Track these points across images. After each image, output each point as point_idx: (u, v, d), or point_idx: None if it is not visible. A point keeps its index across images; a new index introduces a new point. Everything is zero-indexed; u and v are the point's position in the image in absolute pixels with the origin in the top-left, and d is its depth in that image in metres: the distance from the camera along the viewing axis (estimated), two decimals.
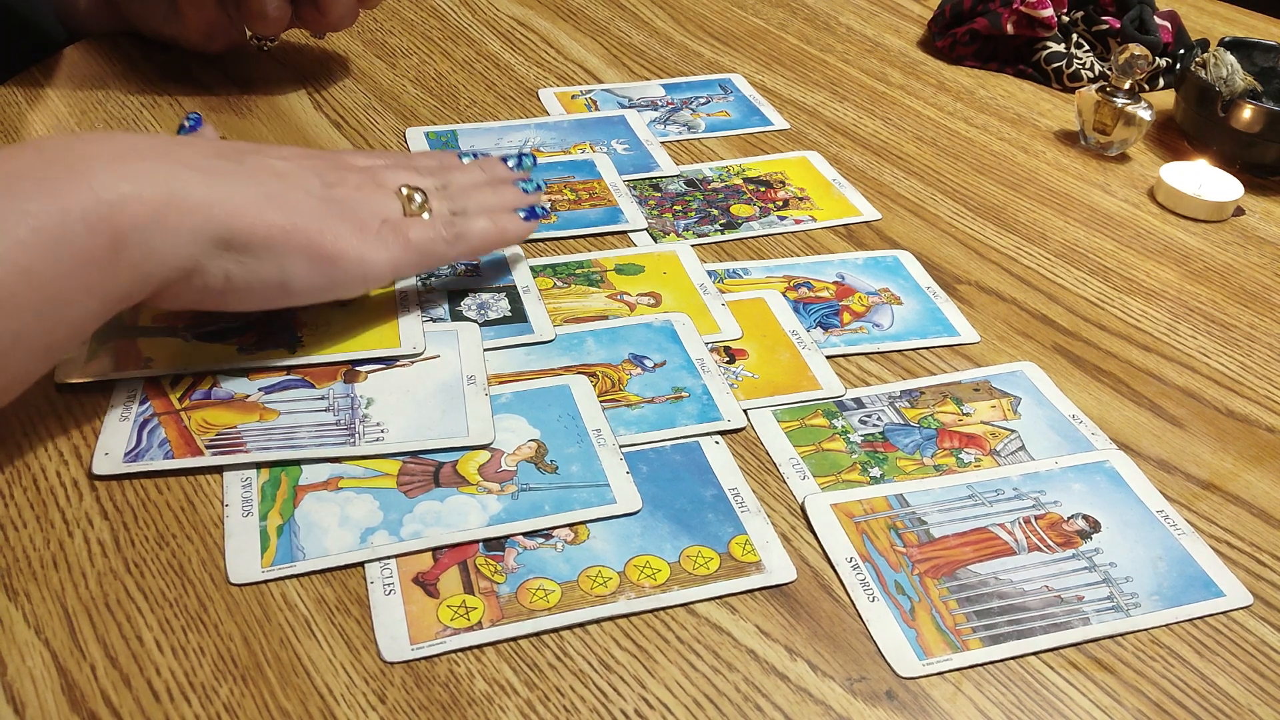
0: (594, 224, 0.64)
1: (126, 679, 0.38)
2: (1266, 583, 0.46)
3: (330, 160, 0.54)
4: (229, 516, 0.44)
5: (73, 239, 0.41)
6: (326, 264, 0.48)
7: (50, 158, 0.43)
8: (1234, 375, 0.58)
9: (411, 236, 0.51)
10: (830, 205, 0.68)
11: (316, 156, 0.54)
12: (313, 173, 0.51)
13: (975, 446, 0.51)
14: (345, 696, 0.38)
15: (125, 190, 0.43)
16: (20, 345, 0.41)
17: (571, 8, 0.91)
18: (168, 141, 0.48)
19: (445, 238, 0.53)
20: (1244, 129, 0.74)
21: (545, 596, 0.42)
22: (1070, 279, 0.64)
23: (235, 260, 0.46)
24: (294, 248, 0.47)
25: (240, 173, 0.48)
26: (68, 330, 0.43)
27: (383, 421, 0.49)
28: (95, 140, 0.45)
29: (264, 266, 0.47)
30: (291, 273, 0.48)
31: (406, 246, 0.51)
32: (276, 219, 0.47)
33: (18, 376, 0.43)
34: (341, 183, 0.51)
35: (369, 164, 0.55)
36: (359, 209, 0.50)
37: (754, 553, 0.45)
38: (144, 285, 0.44)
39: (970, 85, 0.85)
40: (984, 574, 0.45)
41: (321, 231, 0.48)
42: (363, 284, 0.51)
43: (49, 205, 0.41)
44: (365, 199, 0.51)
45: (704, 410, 0.51)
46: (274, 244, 0.47)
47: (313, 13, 0.71)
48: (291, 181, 0.49)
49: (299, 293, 0.49)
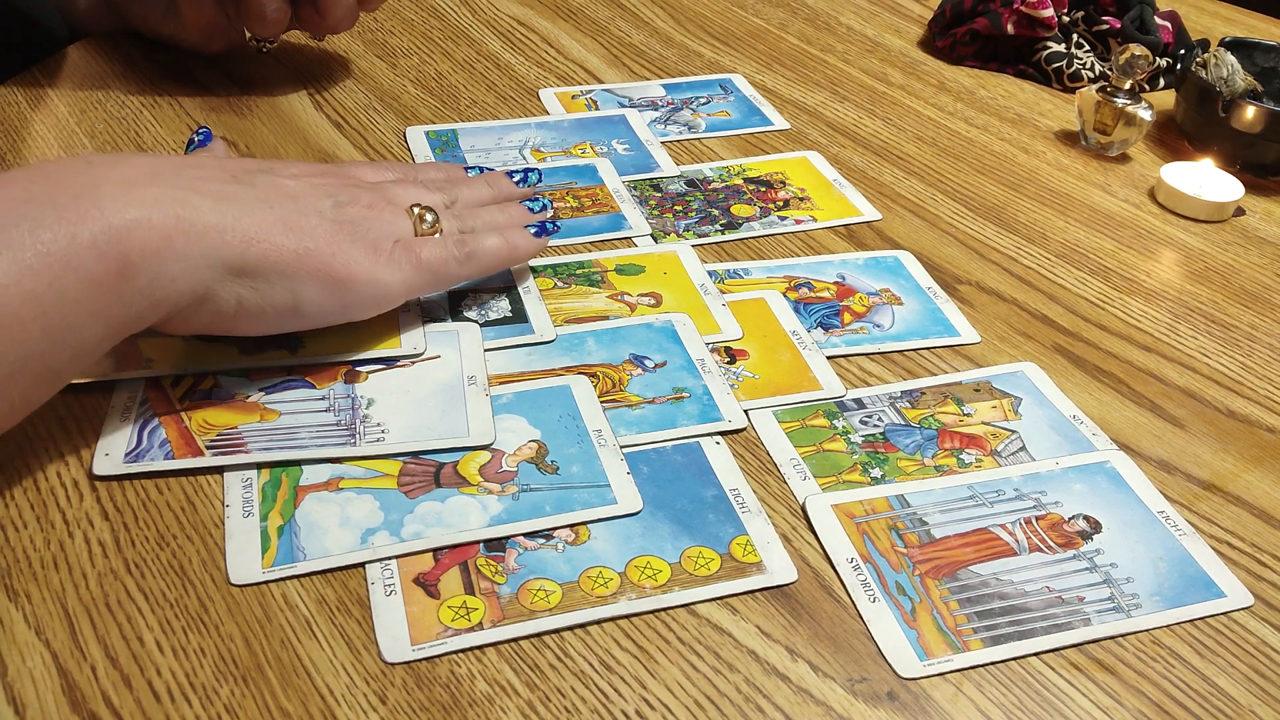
0: (597, 231, 0.64)
1: (127, 680, 0.38)
2: (1267, 583, 0.46)
3: (340, 177, 0.53)
4: (229, 517, 0.44)
5: (81, 264, 0.41)
6: (339, 287, 0.48)
7: (58, 182, 0.42)
8: (1234, 375, 0.58)
9: (424, 257, 0.51)
10: (831, 205, 0.68)
11: (327, 173, 0.54)
12: (325, 192, 0.51)
13: (976, 447, 0.51)
14: (346, 697, 0.38)
15: (134, 215, 0.42)
16: (26, 369, 0.41)
17: (572, 8, 0.91)
18: (177, 163, 0.48)
19: (457, 257, 0.52)
20: (1245, 129, 0.74)
21: (546, 597, 0.42)
22: (1071, 279, 0.64)
23: (247, 285, 0.46)
24: (306, 272, 0.47)
25: (251, 196, 0.47)
26: (74, 354, 0.42)
27: (383, 422, 0.49)
28: (104, 164, 0.45)
29: (276, 291, 0.47)
30: (304, 297, 0.48)
31: (419, 267, 0.51)
32: (288, 243, 0.47)
33: (24, 400, 0.42)
34: (353, 201, 0.51)
35: (379, 179, 0.55)
36: (371, 230, 0.50)
37: (755, 553, 0.45)
38: (154, 310, 0.44)
39: (971, 85, 0.85)
40: (985, 574, 0.45)
41: (334, 255, 0.48)
42: (375, 306, 0.50)
43: (57, 231, 0.41)
44: (377, 219, 0.51)
45: (705, 411, 0.51)
46: (286, 268, 0.47)
47: (312, 14, 0.71)
48: (304, 203, 0.49)
49: (311, 316, 0.49)
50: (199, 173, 0.47)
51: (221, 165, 0.50)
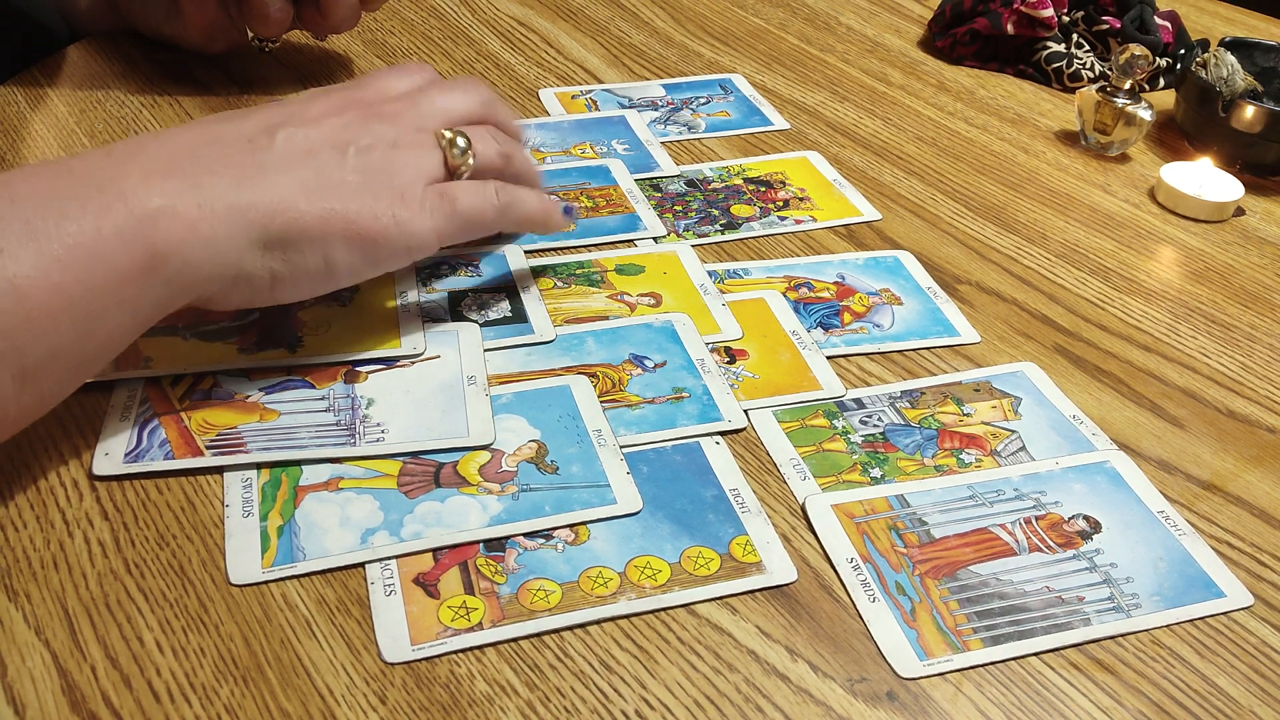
0: (613, 231, 0.64)
1: (127, 680, 0.38)
2: (1267, 583, 0.46)
3: (364, 108, 0.51)
4: (229, 517, 0.44)
5: (108, 256, 0.41)
6: (369, 245, 0.47)
7: (81, 176, 0.43)
8: (1234, 376, 0.57)
9: (459, 206, 0.50)
10: (830, 205, 0.68)
11: (349, 105, 0.51)
12: (346, 137, 0.49)
13: (976, 447, 0.51)
14: (346, 697, 0.38)
15: (158, 204, 0.43)
16: (57, 360, 0.41)
17: (572, 8, 0.91)
18: (193, 143, 0.47)
19: (496, 205, 0.51)
20: (1245, 129, 0.74)
21: (546, 597, 0.42)
22: (1071, 279, 0.64)
23: (277, 258, 0.46)
24: (334, 234, 0.47)
25: (270, 163, 0.47)
26: (102, 344, 0.43)
27: (383, 422, 0.49)
28: (124, 154, 0.45)
29: (307, 259, 0.47)
30: (335, 259, 0.47)
31: (452, 216, 0.49)
32: (312, 208, 0.46)
33: (53, 391, 0.43)
34: (376, 142, 0.49)
35: (407, 87, 0.53)
36: (397, 175, 0.49)
37: (755, 553, 0.45)
38: (184, 296, 0.44)
39: (970, 85, 0.85)
40: (985, 574, 0.45)
41: (360, 213, 0.47)
42: (408, 256, 0.49)
43: (83, 223, 0.41)
44: (404, 161, 0.49)
45: (704, 411, 0.51)
46: (313, 235, 0.46)
47: (314, 14, 0.71)
48: (324, 159, 0.48)
49: (346, 276, 0.48)
50: (216, 149, 0.46)
51: (239, 130, 0.48)
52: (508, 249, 0.61)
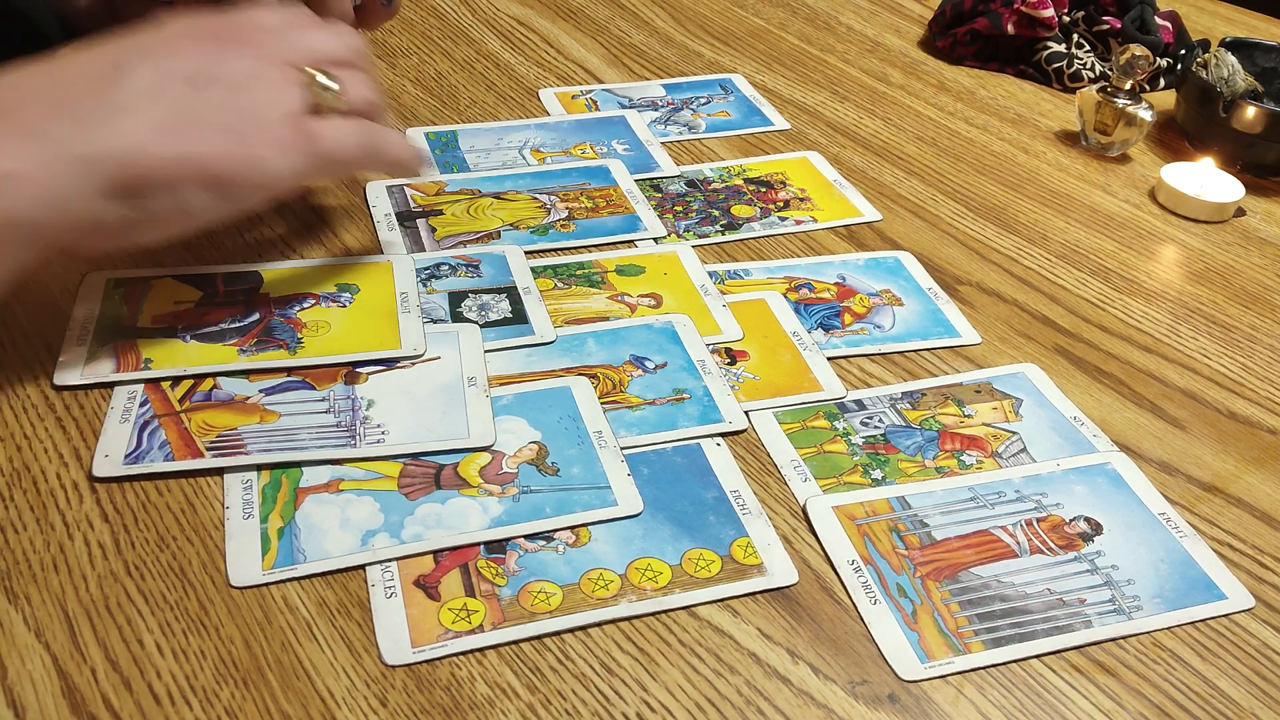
0: (613, 232, 0.63)
1: (127, 682, 0.38)
2: (1268, 585, 0.46)
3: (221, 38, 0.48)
4: (229, 519, 0.44)
5: None
6: (225, 186, 0.46)
7: None
8: (1235, 377, 0.57)
9: (323, 145, 0.48)
10: (831, 206, 0.68)
11: (205, 35, 0.48)
12: (202, 69, 0.46)
13: (977, 448, 0.51)
14: (346, 700, 0.38)
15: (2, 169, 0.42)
16: None
17: (572, 8, 0.91)
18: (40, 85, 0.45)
19: (364, 146, 0.50)
20: (1245, 129, 0.74)
21: (547, 599, 0.42)
22: (1071, 280, 0.64)
23: (131, 205, 0.45)
24: (188, 179, 0.45)
25: (120, 102, 0.45)
26: None
27: (383, 423, 0.49)
28: None
29: (162, 204, 0.45)
30: (190, 202, 0.46)
31: (312, 155, 0.48)
32: (163, 153, 0.45)
33: None
34: (235, 74, 0.47)
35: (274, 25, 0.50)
36: (255, 111, 0.47)
37: (755, 555, 0.45)
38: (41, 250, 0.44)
39: (971, 85, 0.85)
40: (986, 576, 0.45)
41: (214, 154, 0.46)
42: (265, 194, 0.49)
43: None
44: (260, 95, 0.47)
45: (705, 412, 0.51)
46: (166, 181, 0.45)
47: None
48: (176, 94, 0.45)
49: (204, 216, 0.47)
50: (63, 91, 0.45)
51: (89, 66, 0.46)
52: (508, 250, 0.61)
